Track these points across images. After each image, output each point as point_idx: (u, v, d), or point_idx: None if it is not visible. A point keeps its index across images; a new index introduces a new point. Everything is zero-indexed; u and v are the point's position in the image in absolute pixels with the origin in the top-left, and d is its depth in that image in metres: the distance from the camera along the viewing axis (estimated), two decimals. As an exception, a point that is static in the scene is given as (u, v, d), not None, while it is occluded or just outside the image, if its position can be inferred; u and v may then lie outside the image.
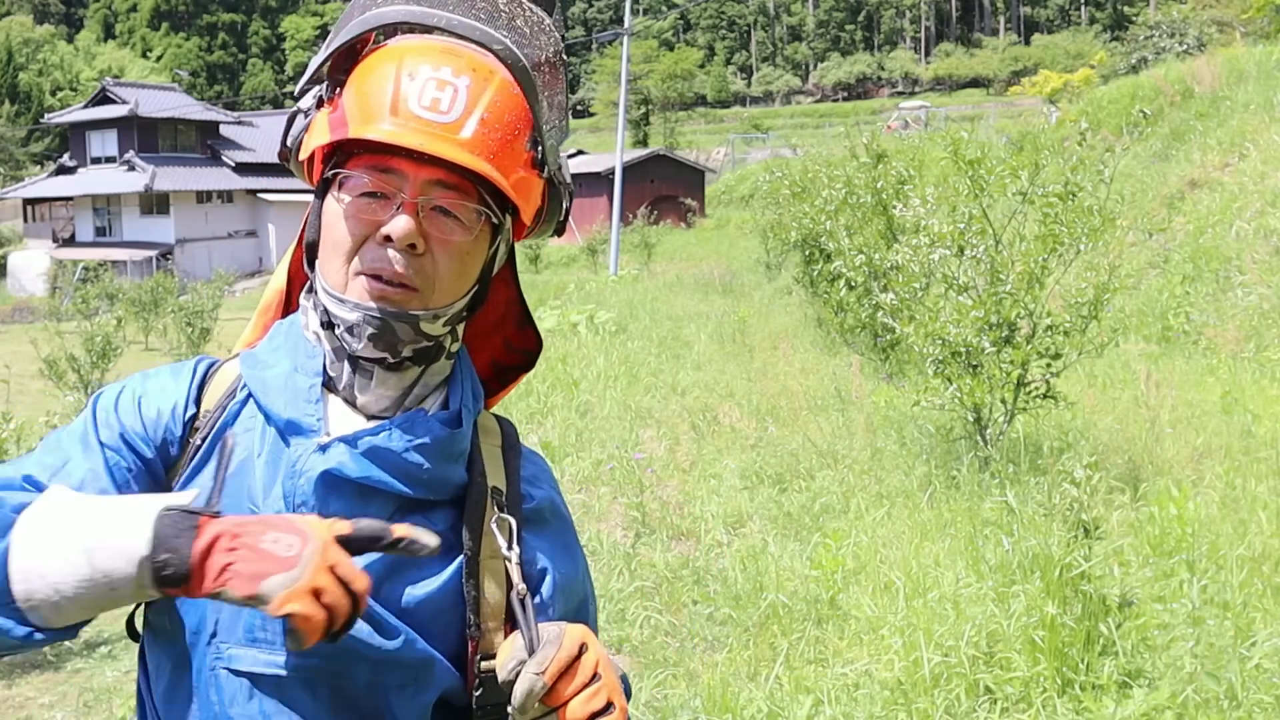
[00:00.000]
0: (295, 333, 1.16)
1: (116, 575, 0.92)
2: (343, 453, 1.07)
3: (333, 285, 1.10)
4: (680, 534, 5.86)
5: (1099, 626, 3.68)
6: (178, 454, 1.11)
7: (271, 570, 0.91)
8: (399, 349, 1.09)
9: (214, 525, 0.94)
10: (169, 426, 1.11)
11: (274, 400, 1.10)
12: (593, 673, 1.00)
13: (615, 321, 14.21)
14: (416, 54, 1.08)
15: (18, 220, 44.81)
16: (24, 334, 18.06)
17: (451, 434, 1.11)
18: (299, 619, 0.90)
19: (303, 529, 0.95)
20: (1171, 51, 27.91)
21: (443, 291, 1.09)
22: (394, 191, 1.06)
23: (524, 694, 0.97)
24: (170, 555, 0.91)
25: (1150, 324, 10.76)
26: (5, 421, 7.42)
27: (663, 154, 44.47)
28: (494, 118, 1.07)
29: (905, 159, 9.85)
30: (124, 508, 0.96)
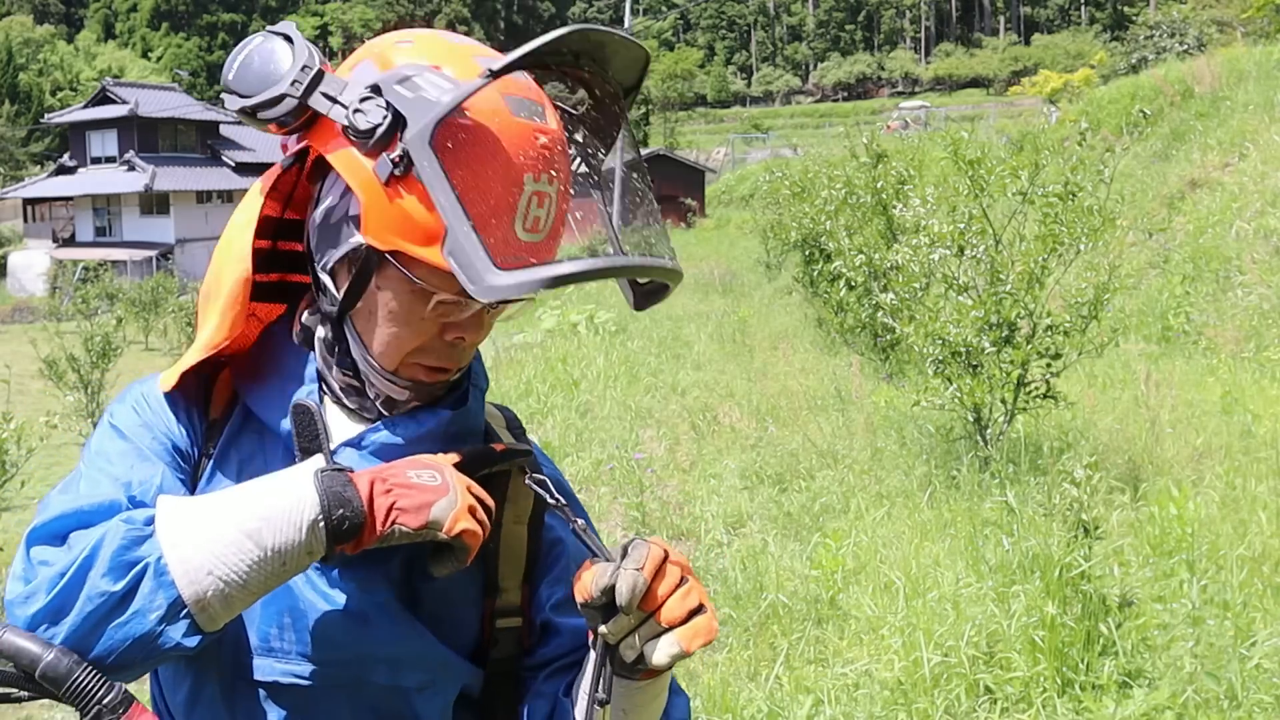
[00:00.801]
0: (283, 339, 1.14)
1: (288, 547, 0.93)
2: (350, 457, 1.06)
3: (384, 365, 1.07)
4: (680, 534, 5.86)
5: (1099, 626, 3.68)
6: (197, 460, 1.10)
7: (431, 499, 0.96)
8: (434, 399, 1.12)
9: (363, 474, 0.97)
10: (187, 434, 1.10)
11: (272, 413, 1.08)
12: (680, 574, 0.97)
13: (615, 321, 14.20)
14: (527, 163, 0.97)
15: (18, 220, 44.80)
16: (24, 334, 18.05)
17: (454, 414, 1.11)
18: (468, 535, 0.97)
19: (433, 462, 1.01)
20: (1171, 51, 27.91)
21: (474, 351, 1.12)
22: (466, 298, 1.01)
23: (630, 589, 0.92)
24: (345, 510, 0.93)
25: (1150, 324, 10.76)
26: (5, 421, 7.43)
27: (663, 154, 44.44)
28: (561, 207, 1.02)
29: (905, 159, 9.85)
30: (266, 487, 0.97)
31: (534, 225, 0.97)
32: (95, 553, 0.92)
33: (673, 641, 0.94)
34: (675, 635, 0.95)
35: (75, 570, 0.91)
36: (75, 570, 0.91)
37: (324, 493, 0.94)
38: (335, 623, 1.05)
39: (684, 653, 0.95)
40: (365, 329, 1.06)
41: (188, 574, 0.92)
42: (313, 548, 0.94)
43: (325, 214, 1.07)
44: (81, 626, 0.90)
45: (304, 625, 1.05)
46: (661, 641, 0.95)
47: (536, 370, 10.55)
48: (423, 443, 1.08)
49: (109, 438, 1.08)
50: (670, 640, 0.95)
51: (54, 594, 0.91)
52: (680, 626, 0.95)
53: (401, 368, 1.06)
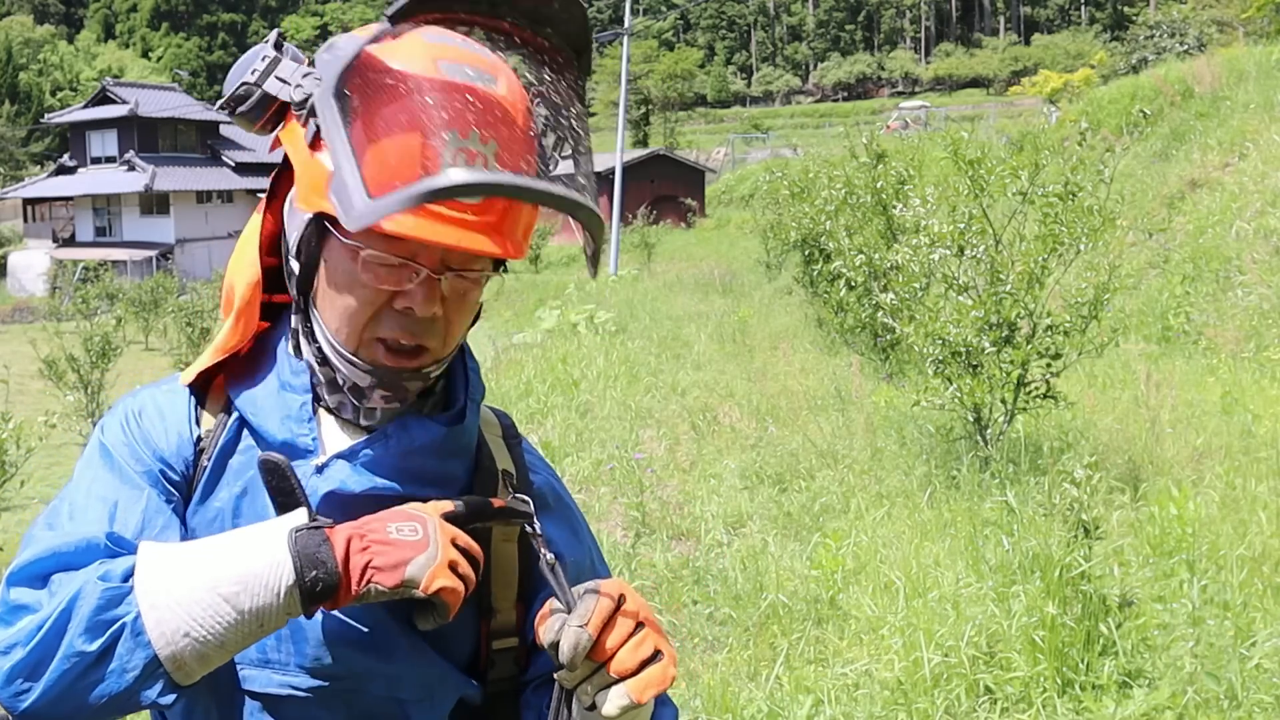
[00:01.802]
0: (280, 348, 1.12)
1: (264, 610, 0.93)
2: (342, 469, 1.05)
3: (342, 343, 1.05)
4: (680, 534, 5.85)
5: (1099, 626, 3.68)
6: (191, 474, 1.09)
7: (409, 556, 0.94)
8: (407, 397, 1.07)
9: (340, 532, 0.95)
10: (180, 447, 1.09)
11: (266, 421, 1.07)
12: (636, 621, 0.97)
13: (615, 321, 14.20)
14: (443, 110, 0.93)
15: (18, 220, 44.81)
16: (24, 334, 18.06)
17: (450, 431, 1.09)
18: (446, 592, 0.95)
19: (417, 514, 0.98)
20: (1172, 51, 27.91)
21: (450, 343, 1.07)
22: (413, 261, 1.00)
23: (571, 648, 0.93)
24: (318, 571, 0.92)
25: (1150, 324, 10.76)
26: (5, 421, 7.43)
27: (663, 154, 44.46)
28: None
29: (905, 159, 9.85)
30: (242, 545, 0.95)
31: None
32: (72, 608, 0.91)
33: (622, 693, 0.95)
34: (625, 687, 0.95)
35: (52, 624, 0.91)
36: (52, 624, 0.91)
37: (297, 555, 0.92)
38: (333, 636, 1.05)
39: (634, 704, 0.94)
40: (324, 308, 1.05)
41: (164, 635, 0.91)
42: (290, 609, 0.94)
43: (289, 200, 1.08)
44: (58, 684, 0.90)
45: (302, 638, 1.05)
46: (611, 693, 0.95)
47: (536, 370, 10.55)
48: (417, 456, 1.06)
49: (96, 460, 1.08)
50: (620, 692, 0.95)
51: (31, 648, 0.91)
52: (632, 678, 0.95)
53: (361, 347, 1.04)
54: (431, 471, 1.08)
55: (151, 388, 1.15)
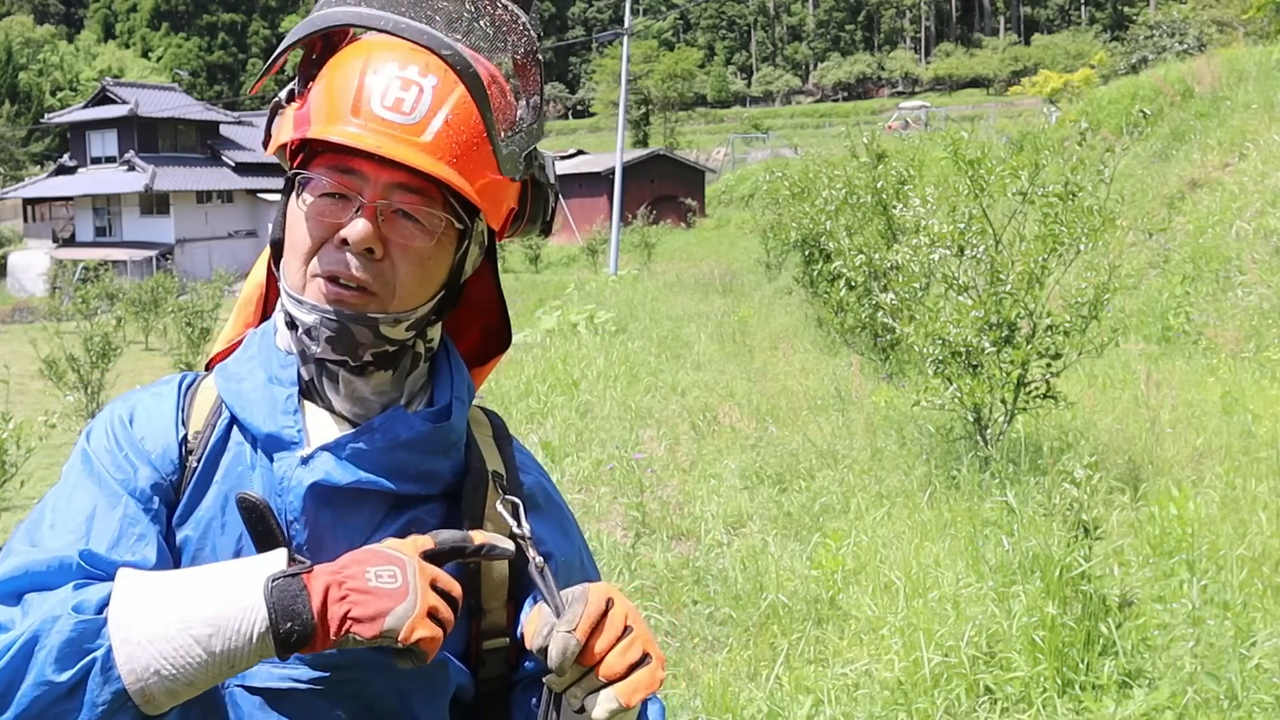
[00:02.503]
0: (268, 342, 1.14)
1: (236, 654, 0.93)
2: (327, 461, 1.06)
3: (292, 286, 1.08)
4: (680, 534, 5.85)
5: (1099, 626, 3.68)
6: (179, 477, 1.09)
7: (388, 606, 0.93)
8: (359, 352, 1.07)
9: (318, 579, 0.94)
10: (167, 449, 1.09)
11: (253, 414, 1.08)
12: (624, 625, 0.97)
13: (615, 321, 14.21)
14: (384, 50, 1.04)
15: (18, 220, 44.81)
16: (24, 334, 18.06)
17: (436, 428, 1.10)
18: (425, 642, 0.94)
19: (395, 556, 0.97)
20: (1172, 51, 27.91)
21: (403, 296, 1.07)
22: (354, 194, 1.04)
23: (559, 654, 0.94)
24: (292, 623, 0.92)
25: (1150, 324, 10.76)
26: (5, 421, 7.43)
27: (663, 154, 44.47)
28: (459, 119, 1.04)
29: (905, 159, 9.85)
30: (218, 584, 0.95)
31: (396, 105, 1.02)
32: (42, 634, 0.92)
33: (611, 697, 0.95)
34: (614, 690, 0.95)
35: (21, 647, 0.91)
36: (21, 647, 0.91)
37: (273, 606, 0.92)
38: None
39: (623, 707, 0.95)
40: (285, 260, 1.10)
41: (134, 671, 0.91)
42: (263, 653, 0.94)
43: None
44: (29, 710, 0.91)
45: None
46: (600, 696, 0.95)
47: (536, 370, 10.55)
48: (402, 451, 1.07)
49: (78, 468, 1.08)
50: (609, 695, 0.95)
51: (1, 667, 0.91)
52: (620, 681, 0.95)
53: (307, 285, 1.06)
54: (416, 468, 1.09)
55: (142, 390, 1.15)
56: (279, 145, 1.10)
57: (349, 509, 1.07)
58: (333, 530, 1.06)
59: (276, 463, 1.07)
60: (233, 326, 1.24)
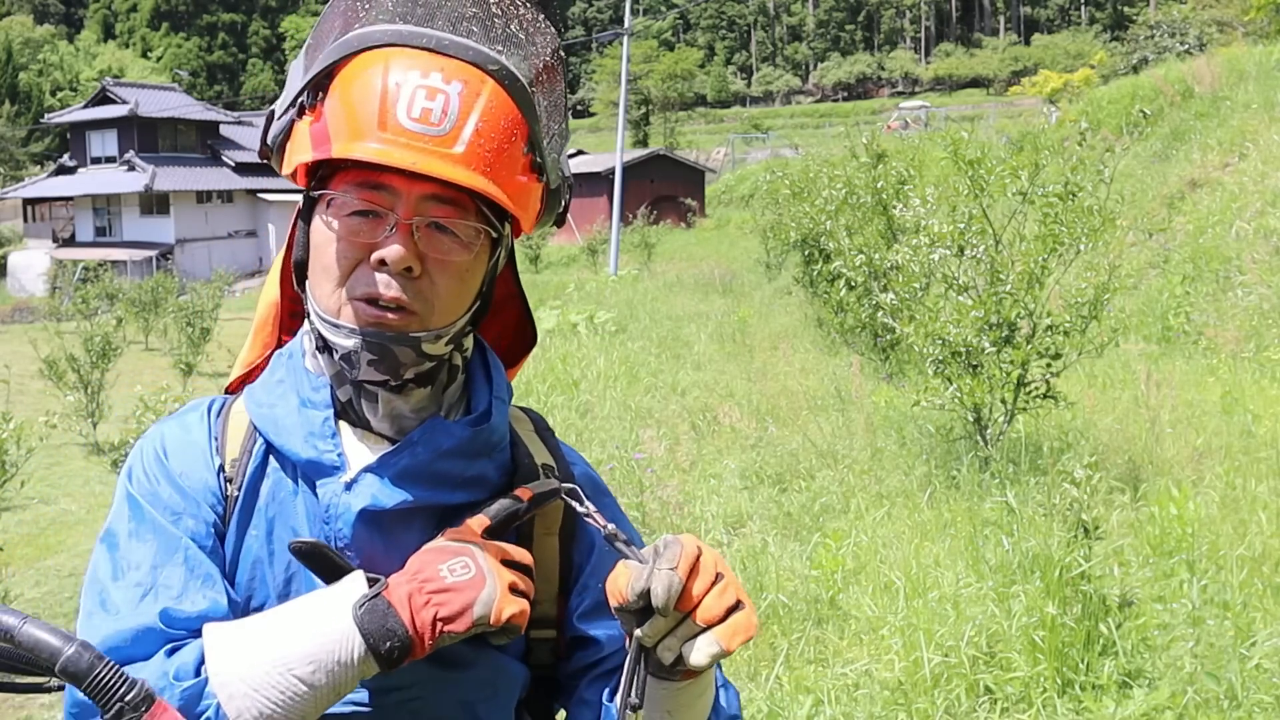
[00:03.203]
0: (296, 364, 1.11)
1: (341, 682, 0.94)
2: (372, 484, 1.04)
3: (326, 310, 1.04)
4: (680, 534, 5.85)
5: (1099, 626, 3.68)
6: (223, 508, 1.07)
7: (472, 597, 0.96)
8: (401, 372, 1.05)
9: (398, 590, 0.96)
10: (207, 482, 1.07)
11: (290, 440, 1.06)
12: (715, 571, 0.95)
13: (615, 321, 14.21)
14: (404, 58, 1.00)
15: (18, 220, 44.80)
16: (24, 334, 18.06)
17: (477, 431, 1.08)
18: (516, 617, 0.97)
19: (461, 547, 0.99)
20: (1172, 51, 27.91)
21: (443, 312, 1.04)
22: (386, 210, 1.01)
23: (665, 590, 0.90)
24: (390, 641, 0.94)
25: (1150, 324, 10.76)
26: (5, 421, 7.43)
27: (663, 154, 44.46)
28: (489, 126, 1.01)
29: (905, 159, 9.85)
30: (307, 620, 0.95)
31: (424, 116, 0.98)
32: None
33: (711, 640, 0.93)
34: (714, 634, 0.93)
35: None
36: None
37: (368, 633, 0.93)
38: None
39: (724, 651, 0.93)
40: (313, 285, 1.06)
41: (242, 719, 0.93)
42: (366, 673, 0.96)
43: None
44: None
45: None
46: (700, 641, 0.93)
47: (536, 370, 10.55)
48: (445, 460, 1.06)
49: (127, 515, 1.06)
50: (709, 639, 0.93)
51: None
52: (718, 625, 0.93)
53: (341, 311, 1.03)
54: (461, 474, 1.07)
55: (171, 420, 1.13)
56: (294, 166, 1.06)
57: (400, 529, 1.05)
58: (385, 553, 1.04)
59: (321, 489, 1.05)
60: (251, 350, 1.22)
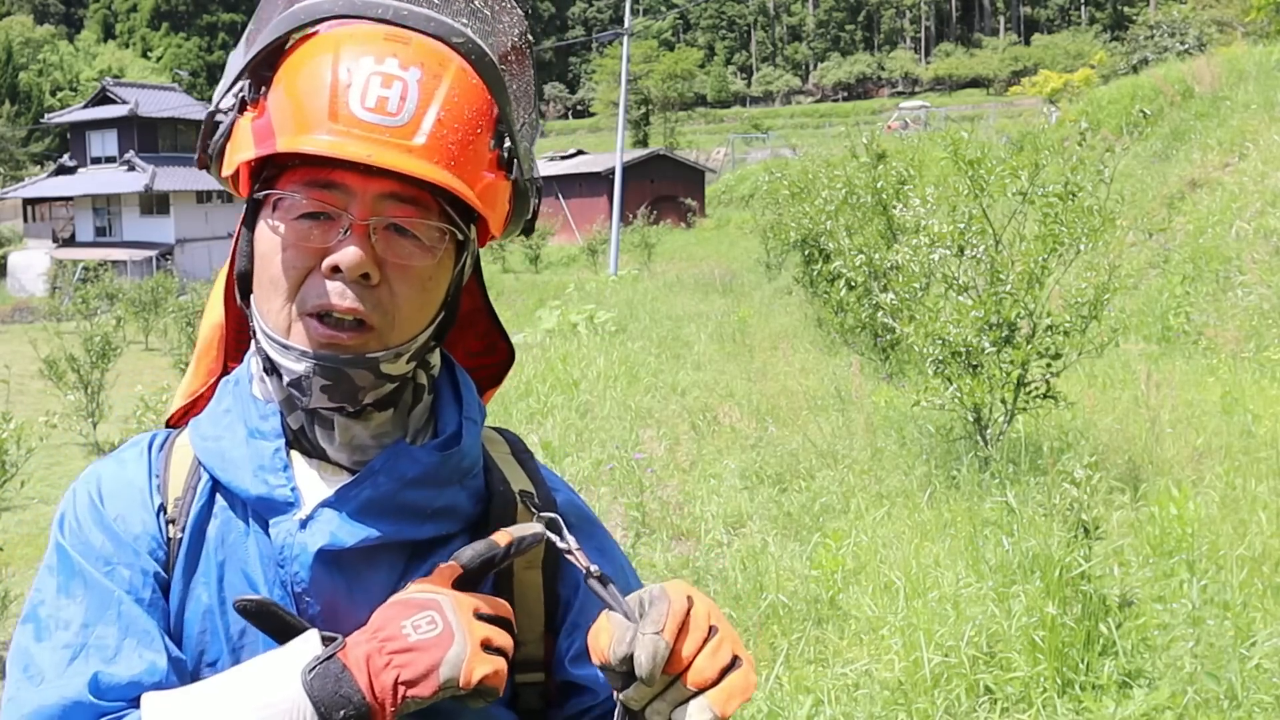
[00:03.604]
0: (243, 391, 1.00)
1: None
2: (330, 520, 0.93)
3: (273, 328, 0.93)
4: (680, 534, 5.85)
5: (1099, 626, 3.68)
6: (165, 554, 0.96)
7: (438, 657, 0.85)
8: (359, 397, 0.93)
9: (355, 651, 0.86)
10: (146, 525, 0.96)
11: (238, 475, 0.95)
12: (708, 625, 0.86)
13: (615, 321, 14.21)
14: (356, 43, 0.90)
15: (18, 220, 44.80)
16: (24, 334, 18.06)
17: (445, 456, 0.97)
18: (489, 679, 0.86)
19: (428, 599, 0.88)
20: (1172, 51, 27.92)
21: (404, 325, 0.93)
22: (339, 211, 0.90)
23: (650, 659, 0.81)
24: (344, 709, 0.84)
25: (1150, 324, 10.76)
26: (5, 421, 7.42)
27: (663, 154, 44.48)
28: (452, 116, 0.91)
29: (905, 159, 9.85)
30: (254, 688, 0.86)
31: (379, 105, 0.88)
32: None
33: (704, 707, 0.83)
34: (707, 699, 0.83)
35: None
36: None
37: (319, 700, 0.83)
38: None
39: (718, 718, 0.83)
40: (259, 299, 0.95)
41: None
42: None
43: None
44: None
45: None
46: (691, 707, 0.83)
47: (536, 370, 10.55)
48: (411, 491, 0.95)
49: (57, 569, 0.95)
50: (701, 705, 0.83)
51: None
52: (712, 688, 0.84)
53: (291, 329, 0.92)
54: (430, 505, 0.97)
55: (108, 459, 1.02)
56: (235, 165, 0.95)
57: (364, 569, 0.95)
58: (349, 597, 0.94)
59: (274, 528, 0.94)
60: (194, 377, 1.09)
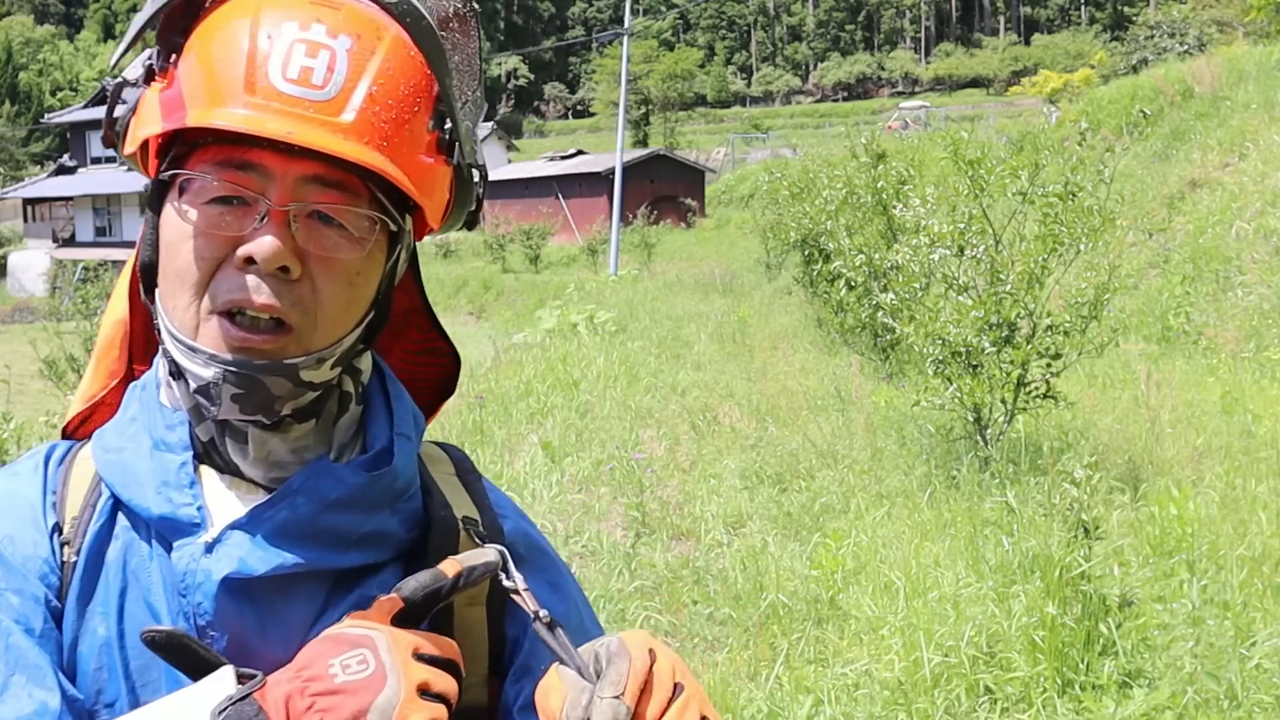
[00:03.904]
0: (149, 398, 0.88)
1: None
2: (240, 544, 0.81)
3: (180, 328, 0.82)
4: (680, 534, 5.85)
5: (1099, 626, 3.68)
6: (59, 579, 0.85)
7: (366, 701, 0.74)
8: (275, 407, 0.82)
9: (274, 691, 0.75)
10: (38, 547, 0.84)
11: (139, 492, 0.84)
12: (673, 683, 0.76)
13: (615, 321, 14.21)
14: (278, 7, 0.80)
15: (18, 220, 44.85)
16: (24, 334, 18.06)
17: (374, 477, 0.86)
18: None
19: (360, 636, 0.78)
20: (1172, 51, 27.93)
21: (327, 327, 0.82)
22: (255, 195, 0.79)
23: None
24: None
25: (1150, 324, 10.76)
26: (5, 421, 7.43)
27: (663, 154, 44.46)
28: (385, 90, 0.80)
29: (905, 159, 9.85)
30: None
31: (303, 76, 0.78)
32: None
33: None
34: None
35: None
36: None
37: None
38: None
39: None
40: (164, 293, 0.83)
41: None
42: None
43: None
44: None
45: None
46: None
47: (536, 370, 10.55)
48: (333, 513, 0.84)
49: None
50: None
51: None
52: None
53: (200, 330, 0.80)
54: (356, 531, 0.85)
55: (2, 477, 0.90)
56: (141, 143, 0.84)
57: (278, 600, 0.83)
58: (261, 632, 0.82)
59: (176, 552, 0.82)
60: (93, 380, 0.96)
